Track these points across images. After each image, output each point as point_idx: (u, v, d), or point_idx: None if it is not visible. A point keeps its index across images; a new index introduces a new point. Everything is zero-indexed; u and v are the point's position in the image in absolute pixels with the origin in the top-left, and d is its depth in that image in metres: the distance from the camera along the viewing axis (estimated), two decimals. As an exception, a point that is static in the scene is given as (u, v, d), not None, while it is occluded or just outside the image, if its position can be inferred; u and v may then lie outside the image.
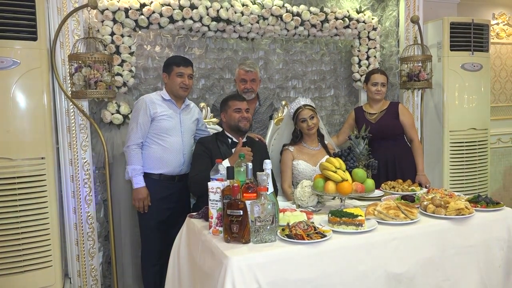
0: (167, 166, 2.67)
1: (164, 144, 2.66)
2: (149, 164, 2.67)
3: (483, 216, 2.06)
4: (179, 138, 2.70)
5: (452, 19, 3.79)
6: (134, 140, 2.62)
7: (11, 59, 2.53)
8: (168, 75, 2.69)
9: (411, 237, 1.86)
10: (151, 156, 2.66)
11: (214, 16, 3.11)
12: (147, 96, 2.69)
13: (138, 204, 2.64)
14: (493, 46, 4.69)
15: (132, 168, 2.61)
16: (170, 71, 2.67)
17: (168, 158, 2.67)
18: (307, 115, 2.70)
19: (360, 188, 2.07)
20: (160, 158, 2.66)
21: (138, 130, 2.61)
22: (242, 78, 3.08)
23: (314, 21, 3.43)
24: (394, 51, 3.85)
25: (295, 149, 2.74)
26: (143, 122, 2.62)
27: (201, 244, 1.83)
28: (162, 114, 2.64)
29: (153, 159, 2.66)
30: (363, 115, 3.20)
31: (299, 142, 2.78)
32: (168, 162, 2.67)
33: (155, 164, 2.66)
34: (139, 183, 2.62)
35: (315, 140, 2.79)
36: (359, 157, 2.32)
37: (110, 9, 2.88)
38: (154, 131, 2.65)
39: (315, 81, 3.92)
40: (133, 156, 2.62)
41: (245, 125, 2.59)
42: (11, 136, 2.55)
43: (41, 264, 2.65)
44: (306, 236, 1.67)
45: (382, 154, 2.95)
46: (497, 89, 4.92)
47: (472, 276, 1.99)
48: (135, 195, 2.63)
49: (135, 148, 2.62)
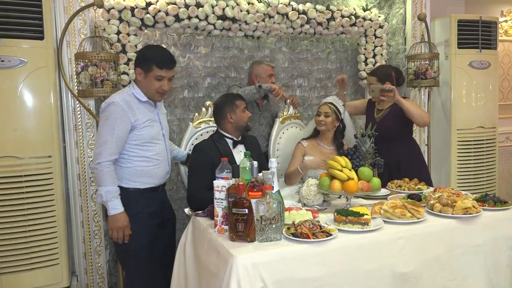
0: (151, 179, 2.26)
1: (148, 155, 2.21)
2: (128, 180, 2.22)
3: (491, 215, 2.04)
4: (163, 145, 2.31)
5: (460, 17, 3.76)
6: (107, 156, 2.11)
7: (18, 58, 2.55)
8: (145, 73, 2.19)
9: (418, 236, 1.85)
10: (130, 172, 2.21)
11: (220, 14, 3.11)
12: (121, 99, 2.15)
13: (116, 234, 2.16)
14: (502, 44, 4.64)
15: (105, 190, 2.10)
16: (148, 70, 2.18)
17: (153, 171, 2.25)
18: (323, 111, 2.72)
19: (366, 187, 2.06)
20: (142, 172, 2.23)
21: (113, 144, 2.11)
22: (270, 73, 3.16)
23: (320, 19, 3.41)
24: (401, 49, 3.82)
25: (308, 144, 2.75)
26: (121, 134, 2.12)
27: (207, 243, 1.83)
28: (145, 121, 2.19)
29: (133, 175, 2.22)
30: (372, 109, 3.07)
31: (314, 138, 2.79)
32: (153, 175, 2.26)
33: (135, 179, 2.22)
34: (116, 207, 2.13)
35: (330, 140, 2.77)
36: (365, 156, 2.30)
37: (116, 8, 2.88)
38: (135, 142, 2.18)
39: (321, 80, 3.91)
40: (106, 175, 2.11)
41: (251, 124, 2.61)
42: (18, 134, 2.57)
43: (48, 262, 2.67)
44: (311, 235, 1.67)
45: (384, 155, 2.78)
46: (505, 87, 4.87)
47: (479, 275, 1.97)
48: (112, 224, 2.15)
49: (109, 165, 2.11)
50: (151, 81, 2.18)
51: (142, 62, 2.20)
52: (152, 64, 2.16)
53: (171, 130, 3.36)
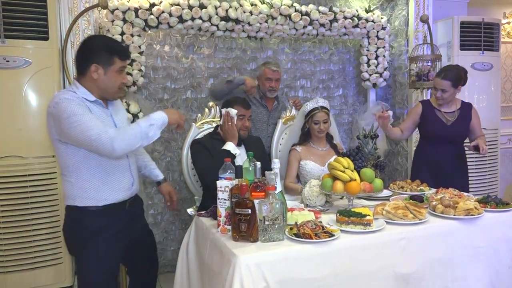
0: (115, 192, 1.90)
1: (105, 164, 1.87)
2: (86, 196, 1.85)
3: (493, 216, 2.04)
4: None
5: (462, 18, 3.77)
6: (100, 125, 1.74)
7: (23, 58, 2.57)
8: (104, 68, 1.84)
9: (420, 237, 1.86)
10: (87, 186, 1.85)
11: (223, 15, 3.12)
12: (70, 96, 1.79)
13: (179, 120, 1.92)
14: (504, 46, 4.65)
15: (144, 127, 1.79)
16: (109, 63, 1.84)
17: (114, 181, 1.90)
18: (322, 119, 2.66)
19: (368, 188, 2.07)
20: (101, 184, 1.86)
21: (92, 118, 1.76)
22: (268, 77, 3.13)
23: (322, 20, 3.43)
24: (403, 51, 3.83)
25: (303, 149, 2.72)
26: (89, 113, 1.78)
27: (210, 243, 1.84)
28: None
29: (91, 189, 1.85)
30: (434, 112, 2.90)
31: (307, 142, 2.75)
32: (114, 187, 1.90)
33: (95, 193, 1.86)
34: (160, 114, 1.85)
35: (324, 141, 2.76)
36: (368, 157, 2.31)
37: (120, 9, 2.90)
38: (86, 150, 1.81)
39: (324, 81, 3.92)
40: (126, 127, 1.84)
41: (244, 134, 2.57)
42: (22, 134, 2.59)
43: (51, 261, 2.69)
44: (314, 235, 1.67)
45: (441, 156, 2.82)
46: (507, 88, 4.87)
47: (481, 277, 1.98)
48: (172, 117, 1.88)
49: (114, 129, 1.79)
50: (114, 76, 1.86)
51: (98, 56, 1.83)
52: (114, 56, 1.85)
53: (174, 130, 3.37)
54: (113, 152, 1.76)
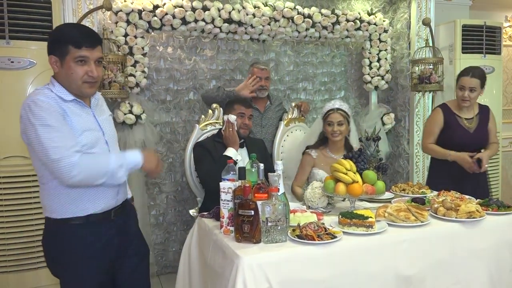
0: (97, 200, 1.69)
1: None
2: (66, 206, 1.65)
3: (494, 219, 2.05)
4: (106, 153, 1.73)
5: (464, 22, 3.78)
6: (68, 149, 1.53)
7: (27, 59, 2.59)
8: (60, 60, 1.62)
9: (422, 240, 1.86)
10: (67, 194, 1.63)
11: (226, 18, 3.14)
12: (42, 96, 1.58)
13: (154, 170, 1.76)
14: (506, 49, 4.66)
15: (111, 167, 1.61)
16: (63, 53, 1.61)
17: (96, 193, 1.68)
18: (335, 120, 2.55)
19: (370, 190, 2.07)
20: (83, 192, 1.65)
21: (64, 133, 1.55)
22: (257, 76, 3.11)
23: (325, 23, 3.44)
24: (405, 54, 3.84)
25: (318, 155, 2.60)
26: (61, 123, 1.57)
27: (212, 244, 1.85)
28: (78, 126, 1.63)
29: (72, 197, 1.64)
30: (455, 118, 2.78)
31: (323, 147, 2.62)
32: (97, 195, 1.68)
33: (77, 203, 1.65)
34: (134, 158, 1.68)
35: (341, 149, 2.60)
36: (370, 159, 2.32)
37: (124, 11, 2.92)
38: None
39: (326, 83, 3.93)
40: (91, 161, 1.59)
41: (244, 132, 2.57)
42: (26, 135, 2.59)
43: (54, 261, 2.68)
44: (316, 237, 1.68)
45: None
46: (509, 92, 4.88)
47: (482, 279, 1.98)
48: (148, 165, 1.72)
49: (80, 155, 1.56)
50: (71, 68, 1.61)
51: (54, 46, 1.63)
52: (67, 44, 1.59)
53: (176, 131, 3.39)
54: (69, 180, 1.54)
